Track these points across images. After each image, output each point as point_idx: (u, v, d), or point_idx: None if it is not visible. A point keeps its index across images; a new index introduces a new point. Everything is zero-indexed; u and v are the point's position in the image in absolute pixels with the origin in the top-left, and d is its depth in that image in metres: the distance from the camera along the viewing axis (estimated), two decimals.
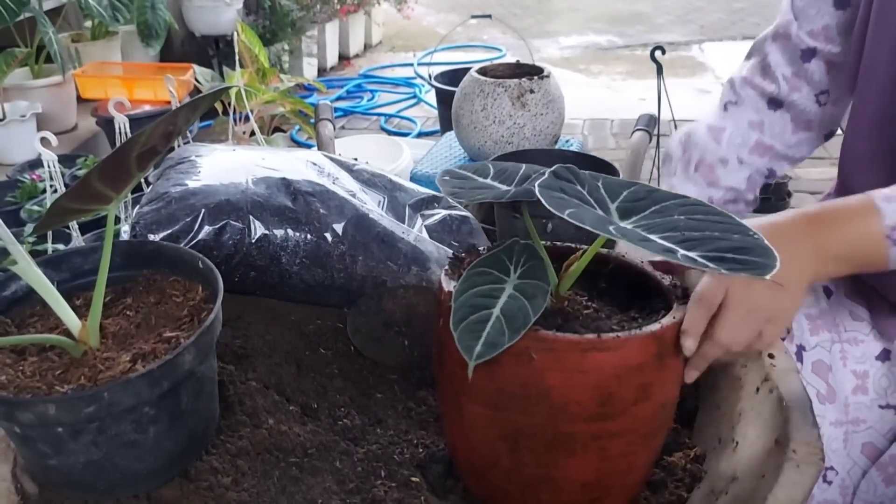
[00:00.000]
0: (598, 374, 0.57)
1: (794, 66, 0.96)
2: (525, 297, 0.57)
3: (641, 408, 0.60)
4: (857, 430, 0.83)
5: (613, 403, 0.58)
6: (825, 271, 0.69)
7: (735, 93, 1.02)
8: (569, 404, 0.58)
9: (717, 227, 0.53)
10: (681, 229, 0.54)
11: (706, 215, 0.55)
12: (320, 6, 4.22)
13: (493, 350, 0.55)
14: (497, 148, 1.74)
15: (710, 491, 0.66)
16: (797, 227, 0.69)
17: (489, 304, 0.58)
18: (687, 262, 0.49)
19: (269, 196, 0.86)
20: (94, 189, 0.58)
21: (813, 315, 0.89)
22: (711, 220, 0.54)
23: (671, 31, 5.48)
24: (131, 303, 0.69)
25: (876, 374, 0.84)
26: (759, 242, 0.52)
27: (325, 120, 1.56)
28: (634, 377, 0.58)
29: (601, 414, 0.59)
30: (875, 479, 0.81)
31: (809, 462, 0.58)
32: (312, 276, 0.86)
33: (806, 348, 0.87)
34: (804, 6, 0.93)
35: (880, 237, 0.67)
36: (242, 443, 0.67)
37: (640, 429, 0.61)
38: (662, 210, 0.57)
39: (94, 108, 2.73)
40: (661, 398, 0.61)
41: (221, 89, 0.66)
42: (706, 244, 0.52)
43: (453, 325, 0.57)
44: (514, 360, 0.58)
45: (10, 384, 0.59)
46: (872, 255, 0.68)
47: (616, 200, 0.58)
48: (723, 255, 0.50)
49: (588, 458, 0.61)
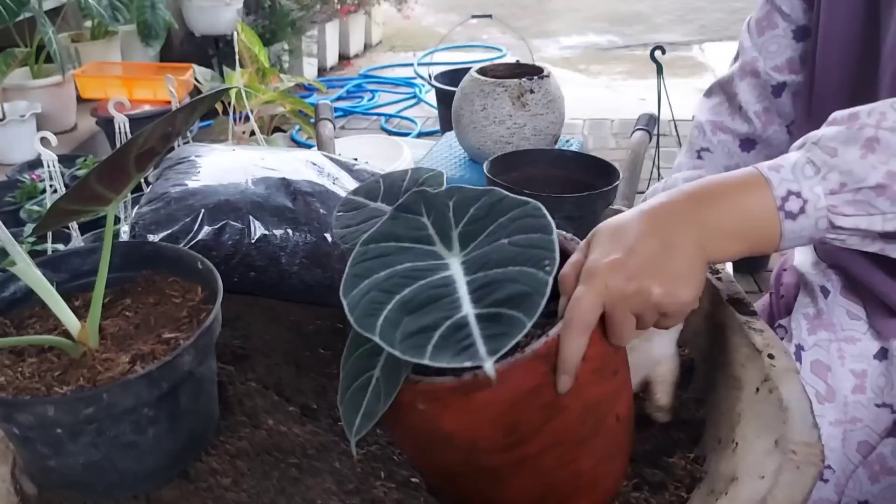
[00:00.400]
0: (491, 409, 0.54)
1: (765, 102, 0.95)
2: None
3: (558, 422, 0.57)
4: (854, 429, 0.83)
5: (522, 429, 0.56)
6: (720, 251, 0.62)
7: (707, 139, 1.00)
8: (476, 441, 0.56)
9: (524, 254, 0.50)
10: (491, 265, 0.51)
11: (528, 234, 0.52)
12: (320, 6, 4.22)
13: (370, 421, 0.53)
14: (497, 148, 1.75)
15: (709, 492, 0.66)
16: (678, 208, 0.62)
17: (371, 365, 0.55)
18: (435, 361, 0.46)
19: (269, 196, 0.86)
20: (94, 190, 0.58)
21: (811, 315, 0.89)
22: (526, 244, 0.51)
23: (671, 31, 5.48)
24: (130, 303, 0.69)
25: (873, 374, 0.84)
26: (538, 284, 0.48)
27: (325, 120, 1.56)
28: (533, 400, 0.55)
29: (514, 442, 0.56)
30: (861, 477, 0.81)
31: (809, 463, 0.58)
32: (312, 276, 0.86)
33: (804, 348, 0.87)
34: (763, 43, 0.92)
35: (771, 210, 0.60)
36: (242, 443, 0.67)
37: (565, 440, 0.58)
38: (496, 231, 0.53)
39: (93, 108, 2.74)
40: (579, 405, 0.57)
41: (221, 90, 0.66)
42: (497, 290, 0.49)
43: (339, 399, 0.55)
44: (408, 412, 0.56)
45: (10, 385, 0.59)
46: (764, 231, 0.61)
47: (460, 224, 0.55)
48: (499, 310, 0.47)
49: (524, 480, 0.59)
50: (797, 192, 0.60)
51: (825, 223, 0.60)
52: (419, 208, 0.57)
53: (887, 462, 0.80)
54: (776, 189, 0.60)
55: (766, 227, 0.61)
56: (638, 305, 0.58)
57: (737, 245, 0.62)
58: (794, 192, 0.60)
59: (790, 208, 0.60)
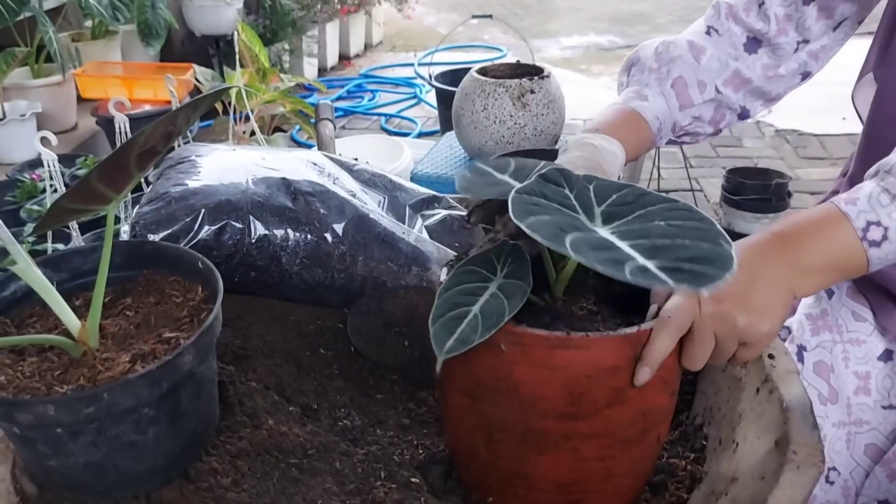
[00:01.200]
0: (566, 371, 0.57)
1: (789, 7, 0.92)
2: (505, 295, 0.57)
3: (616, 411, 0.59)
4: (859, 432, 0.82)
5: (584, 403, 0.58)
6: (808, 285, 0.67)
7: (719, 21, 0.96)
8: (538, 400, 0.58)
9: (691, 233, 0.52)
10: (653, 236, 0.52)
11: (685, 220, 0.54)
12: (321, 6, 4.22)
13: (464, 346, 0.55)
14: (497, 148, 1.74)
15: (710, 492, 0.66)
16: (768, 247, 0.66)
17: (470, 301, 0.58)
18: (634, 278, 0.47)
19: (270, 196, 0.86)
20: (94, 189, 0.58)
21: (814, 315, 0.89)
22: (689, 227, 0.53)
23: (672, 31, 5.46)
24: (131, 303, 0.69)
25: (878, 375, 0.84)
26: (723, 252, 0.50)
27: (325, 120, 1.55)
28: (606, 379, 0.57)
29: (571, 413, 0.58)
30: (880, 476, 0.81)
31: (810, 464, 0.58)
32: (312, 276, 0.86)
33: (807, 349, 0.87)
34: None
35: (855, 241, 0.65)
36: (242, 443, 0.67)
37: (615, 433, 0.60)
38: (646, 215, 0.55)
39: (94, 108, 2.73)
40: (639, 404, 0.59)
41: (222, 89, 0.66)
42: (669, 252, 0.50)
43: (431, 320, 0.57)
44: (486, 353, 0.58)
45: (10, 385, 0.59)
46: (852, 261, 0.66)
47: (603, 204, 0.57)
48: (680, 265, 0.49)
49: (560, 458, 0.60)
50: (876, 221, 0.65)
51: None
52: (561, 181, 0.59)
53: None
54: (855, 221, 0.65)
55: (853, 258, 0.66)
56: (721, 330, 0.61)
57: (825, 277, 0.67)
58: (873, 222, 0.65)
59: (873, 237, 0.65)
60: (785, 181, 2.62)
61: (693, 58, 0.95)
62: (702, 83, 0.95)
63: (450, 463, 0.71)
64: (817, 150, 3.51)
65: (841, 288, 0.90)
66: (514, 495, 0.64)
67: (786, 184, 2.61)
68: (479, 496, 0.67)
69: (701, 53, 0.95)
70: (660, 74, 0.96)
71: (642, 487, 0.68)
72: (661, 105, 0.95)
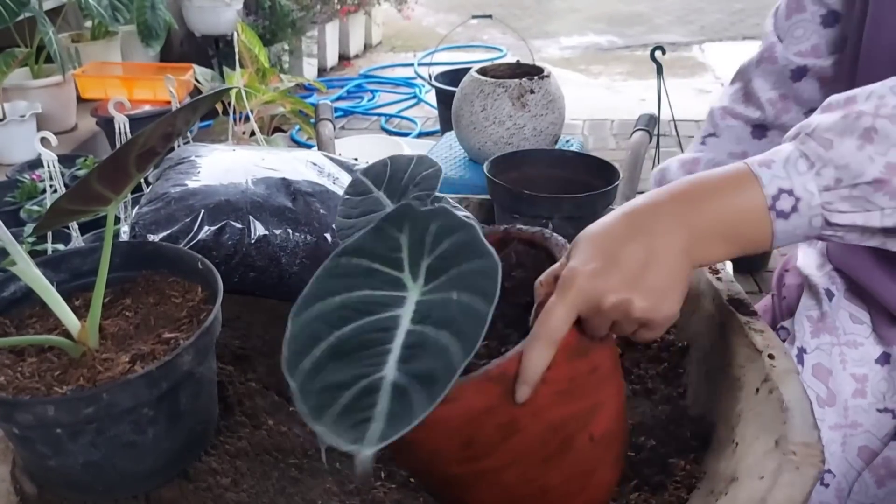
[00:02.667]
0: (445, 425, 0.54)
1: (781, 89, 0.93)
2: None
3: (515, 442, 0.55)
4: (854, 434, 0.82)
5: (477, 445, 0.55)
6: (708, 254, 0.59)
7: (714, 124, 0.98)
8: (437, 452, 0.57)
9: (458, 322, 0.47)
10: (431, 320, 0.49)
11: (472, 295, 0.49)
12: (320, 6, 4.22)
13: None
14: (497, 148, 1.75)
15: (709, 492, 0.66)
16: (662, 210, 0.58)
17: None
18: None
19: (269, 196, 0.86)
20: (94, 190, 0.58)
21: (814, 317, 0.89)
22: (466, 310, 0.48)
23: (671, 32, 5.48)
24: (130, 303, 0.69)
25: (875, 378, 0.83)
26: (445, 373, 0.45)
27: (325, 120, 1.56)
28: (487, 419, 0.54)
29: (470, 456, 0.56)
30: (868, 481, 0.81)
31: (809, 463, 0.58)
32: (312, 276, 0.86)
33: (807, 351, 0.87)
34: (790, 27, 0.91)
35: (762, 210, 0.56)
36: (242, 444, 0.67)
37: (525, 460, 0.57)
38: (453, 279, 0.51)
39: (94, 108, 2.74)
40: (538, 427, 0.56)
41: (221, 90, 0.66)
42: (420, 357, 0.46)
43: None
44: None
45: (9, 385, 0.59)
46: (755, 233, 0.58)
47: (433, 253, 0.53)
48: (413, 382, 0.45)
49: (488, 491, 0.59)
50: (789, 189, 0.56)
51: (820, 221, 0.57)
52: (402, 225, 0.55)
53: (893, 466, 0.79)
54: (766, 187, 0.56)
55: (756, 228, 0.57)
56: (617, 317, 0.56)
57: (725, 247, 0.59)
58: (785, 190, 0.56)
59: (782, 207, 0.56)
60: None
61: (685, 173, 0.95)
62: None
63: None
64: None
65: (840, 290, 0.90)
66: None
67: None
68: None
69: (694, 166, 0.97)
70: None
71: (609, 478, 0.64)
72: None
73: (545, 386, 0.53)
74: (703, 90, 4.13)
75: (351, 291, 0.52)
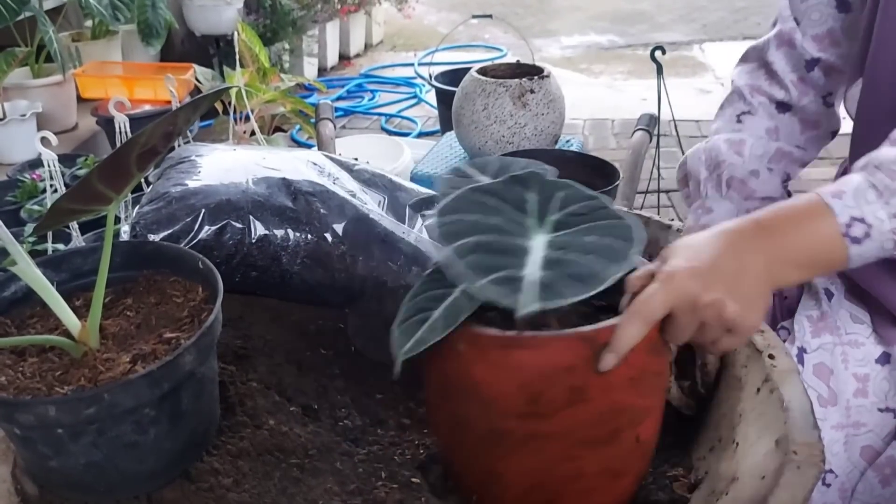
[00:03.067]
0: (521, 371, 0.57)
1: (800, 72, 0.96)
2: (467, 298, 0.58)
3: (578, 411, 0.58)
4: (857, 434, 0.82)
5: (542, 403, 0.57)
6: (785, 278, 0.65)
7: (747, 102, 1.00)
8: (498, 399, 0.58)
9: (603, 252, 0.56)
10: (572, 248, 0.56)
11: (615, 238, 0.58)
12: (321, 6, 4.21)
13: (420, 346, 0.56)
14: (498, 148, 1.74)
15: (710, 492, 0.66)
16: (748, 235, 0.65)
17: (433, 306, 0.59)
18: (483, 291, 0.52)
19: (270, 196, 0.86)
20: (94, 189, 0.58)
21: (814, 317, 0.89)
22: (608, 246, 0.57)
23: (673, 31, 5.48)
24: (131, 303, 0.69)
25: (876, 378, 0.83)
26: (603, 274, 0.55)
27: (325, 120, 1.56)
28: (563, 378, 0.57)
29: (531, 413, 0.58)
30: (872, 481, 0.81)
31: (810, 463, 0.58)
32: (313, 276, 0.86)
33: (807, 350, 0.87)
34: (807, 10, 0.92)
35: (836, 237, 0.63)
36: (243, 444, 0.67)
37: (580, 432, 0.59)
38: (588, 228, 0.59)
39: (94, 108, 2.73)
40: (604, 403, 0.58)
41: (222, 89, 0.66)
42: (564, 267, 0.55)
43: (396, 325, 0.58)
44: (449, 354, 0.59)
45: (10, 385, 0.59)
46: (831, 257, 0.64)
47: (561, 212, 0.60)
48: (555, 280, 0.53)
49: (526, 457, 0.60)
50: (860, 217, 0.63)
51: (891, 244, 0.63)
52: (529, 185, 0.62)
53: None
54: (839, 216, 0.63)
55: (832, 253, 0.64)
56: (709, 317, 0.60)
57: (803, 272, 0.65)
58: (857, 219, 0.63)
59: (855, 234, 0.63)
60: None
61: (736, 153, 0.98)
62: (754, 172, 0.98)
63: None
64: None
65: (840, 289, 0.90)
66: (491, 494, 0.64)
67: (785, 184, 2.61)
68: (464, 493, 0.68)
69: (741, 147, 0.99)
70: (713, 181, 1.00)
71: (629, 487, 0.66)
72: (728, 208, 0.98)
73: (623, 366, 0.57)
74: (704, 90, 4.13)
75: (485, 216, 0.60)
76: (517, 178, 0.62)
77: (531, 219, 0.60)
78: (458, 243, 0.56)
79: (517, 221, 0.60)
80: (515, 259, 0.56)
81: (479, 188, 0.61)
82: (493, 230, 0.58)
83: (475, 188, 0.61)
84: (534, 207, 0.61)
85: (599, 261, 0.56)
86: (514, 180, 0.62)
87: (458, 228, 0.57)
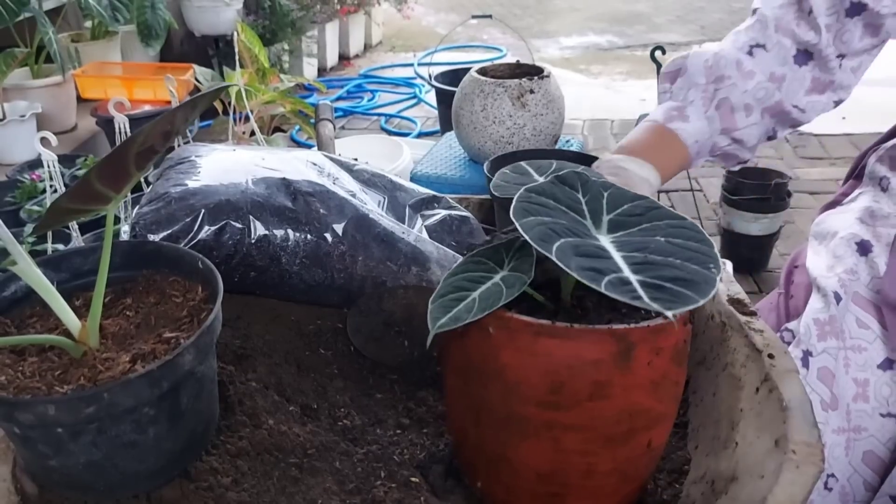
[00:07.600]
0: (548, 359, 0.58)
1: (833, 17, 0.88)
2: (505, 285, 0.59)
3: (598, 405, 0.58)
4: (858, 439, 0.82)
5: (565, 393, 0.58)
6: None
7: (766, 35, 0.92)
8: (521, 385, 0.59)
9: (685, 254, 0.54)
10: (649, 250, 0.55)
11: (686, 240, 0.56)
12: (320, 6, 4.22)
13: (455, 323, 0.57)
14: (497, 148, 1.75)
15: (710, 491, 0.66)
16: None
17: (472, 287, 0.60)
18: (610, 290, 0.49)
19: (269, 196, 0.86)
20: (94, 189, 0.58)
21: (822, 320, 0.88)
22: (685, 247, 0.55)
23: (671, 31, 5.48)
24: (131, 303, 0.69)
25: (877, 383, 0.83)
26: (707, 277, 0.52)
27: (325, 120, 1.56)
28: (588, 371, 0.57)
29: (552, 402, 0.58)
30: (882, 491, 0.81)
31: (809, 462, 0.58)
32: (312, 276, 0.86)
33: (812, 354, 0.86)
34: None
35: None
36: (242, 443, 0.67)
37: (597, 428, 0.60)
38: (651, 229, 0.58)
39: (93, 108, 2.74)
40: (623, 402, 0.59)
41: (221, 88, 0.66)
42: (657, 270, 0.53)
43: (432, 299, 0.59)
44: (478, 335, 0.60)
45: (10, 384, 0.59)
46: None
47: (613, 212, 0.60)
48: (662, 283, 0.51)
49: (541, 446, 0.61)
50: None
51: None
52: (576, 185, 0.61)
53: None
54: None
55: None
56: None
57: None
58: None
59: None
60: (784, 181, 2.62)
61: (742, 79, 0.92)
62: (748, 107, 0.92)
63: (450, 462, 0.72)
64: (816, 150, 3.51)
65: (848, 294, 0.89)
66: (499, 480, 0.65)
67: (785, 183, 2.61)
68: (470, 479, 0.68)
69: (749, 77, 0.92)
70: (706, 93, 0.93)
71: (633, 494, 0.67)
72: (702, 128, 0.92)
73: (648, 369, 0.58)
74: None
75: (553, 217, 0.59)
76: (562, 178, 0.62)
77: (587, 219, 0.60)
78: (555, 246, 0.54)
79: (580, 222, 0.59)
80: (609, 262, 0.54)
81: (532, 189, 0.60)
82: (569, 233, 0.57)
83: (530, 189, 0.60)
84: (585, 207, 0.61)
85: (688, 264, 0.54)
86: (561, 180, 0.62)
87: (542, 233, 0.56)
